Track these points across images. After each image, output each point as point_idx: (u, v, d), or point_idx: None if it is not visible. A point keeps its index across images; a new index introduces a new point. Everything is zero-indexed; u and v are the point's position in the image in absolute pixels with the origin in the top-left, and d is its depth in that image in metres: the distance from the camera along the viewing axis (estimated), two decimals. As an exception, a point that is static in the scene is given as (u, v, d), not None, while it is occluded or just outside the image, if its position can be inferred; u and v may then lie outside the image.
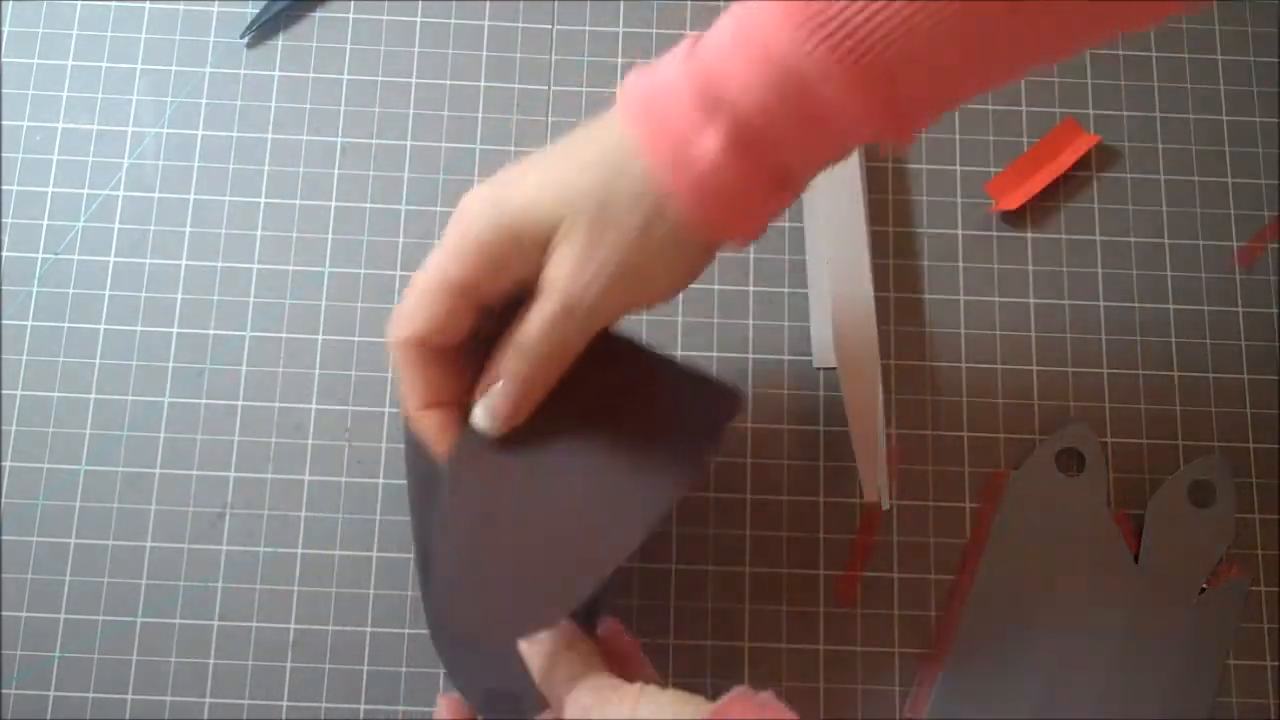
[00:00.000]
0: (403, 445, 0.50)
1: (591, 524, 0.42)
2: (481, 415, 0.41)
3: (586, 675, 0.41)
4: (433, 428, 0.41)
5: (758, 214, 0.38)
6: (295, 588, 0.49)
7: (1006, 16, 0.33)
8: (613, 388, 0.43)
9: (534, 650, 0.41)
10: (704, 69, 0.35)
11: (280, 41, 0.55)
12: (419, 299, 0.40)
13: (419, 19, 0.55)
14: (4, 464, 0.50)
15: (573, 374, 0.41)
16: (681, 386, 0.44)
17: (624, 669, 0.44)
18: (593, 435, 0.43)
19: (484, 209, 0.39)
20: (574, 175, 0.37)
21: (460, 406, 0.42)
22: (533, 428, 0.42)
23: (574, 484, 0.42)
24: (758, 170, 0.36)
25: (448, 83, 0.55)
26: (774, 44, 0.34)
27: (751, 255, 0.53)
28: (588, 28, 0.55)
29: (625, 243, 0.37)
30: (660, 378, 0.44)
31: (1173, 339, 0.53)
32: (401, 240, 0.53)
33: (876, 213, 0.53)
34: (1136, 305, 0.53)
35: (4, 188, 0.53)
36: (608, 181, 0.37)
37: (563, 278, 0.38)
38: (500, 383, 0.40)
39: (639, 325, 0.52)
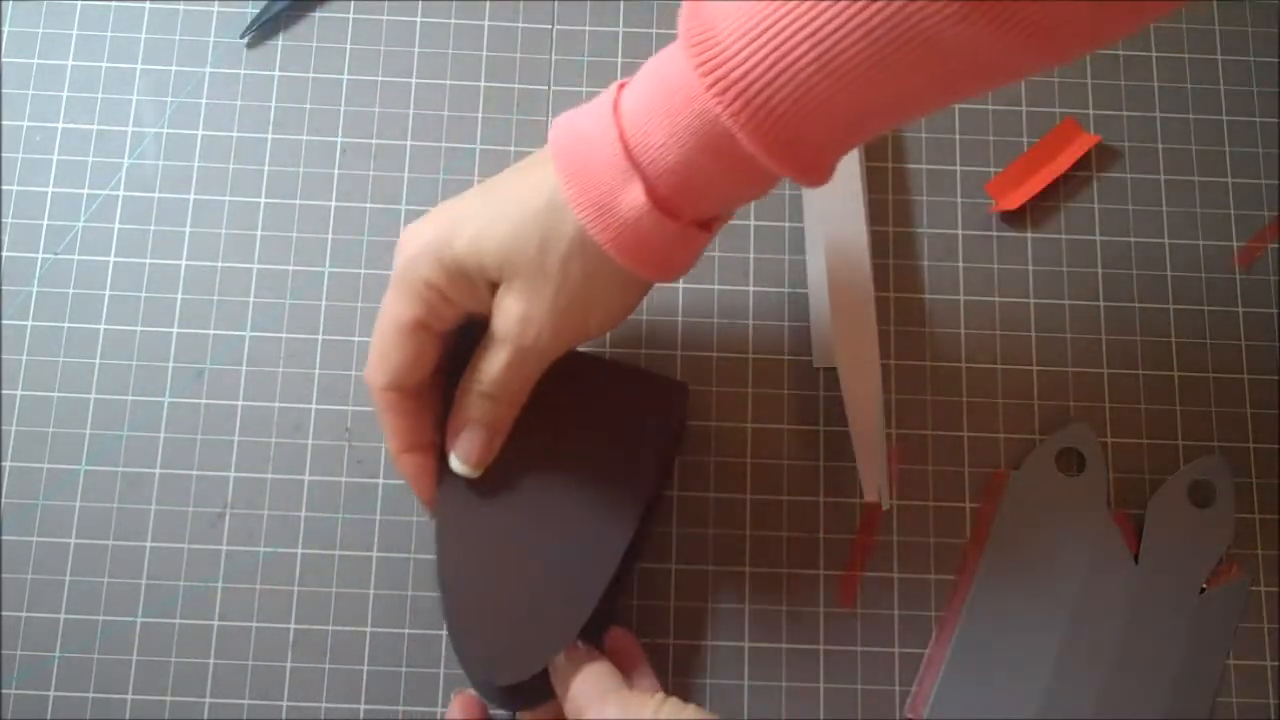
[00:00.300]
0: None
1: (576, 544, 0.45)
2: (457, 462, 0.43)
3: (601, 681, 0.42)
4: (413, 470, 0.44)
5: (683, 256, 0.40)
6: (295, 588, 0.49)
7: (908, 70, 0.34)
8: (569, 400, 0.45)
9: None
10: (625, 127, 0.37)
11: (280, 41, 0.55)
12: (383, 346, 0.42)
13: (419, 19, 0.55)
14: (4, 464, 0.50)
15: (541, 395, 0.44)
16: (630, 386, 0.47)
17: (627, 673, 0.45)
18: (559, 452, 0.45)
19: (427, 249, 0.40)
20: (512, 227, 0.39)
21: (435, 448, 0.44)
22: (503, 457, 0.44)
23: (551, 507, 0.45)
24: (679, 220, 0.38)
25: (448, 83, 0.55)
26: (687, 103, 0.36)
27: (751, 255, 0.53)
28: (588, 28, 0.55)
29: (565, 291, 0.39)
30: (609, 381, 0.47)
31: (1173, 339, 0.53)
32: (401, 240, 0.53)
33: (876, 213, 0.53)
34: (1136, 305, 0.53)
35: (4, 188, 0.53)
36: (544, 234, 0.39)
37: (511, 328, 0.40)
38: (467, 428, 0.43)
39: (639, 327, 0.52)
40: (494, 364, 0.41)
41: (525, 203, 0.39)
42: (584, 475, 0.45)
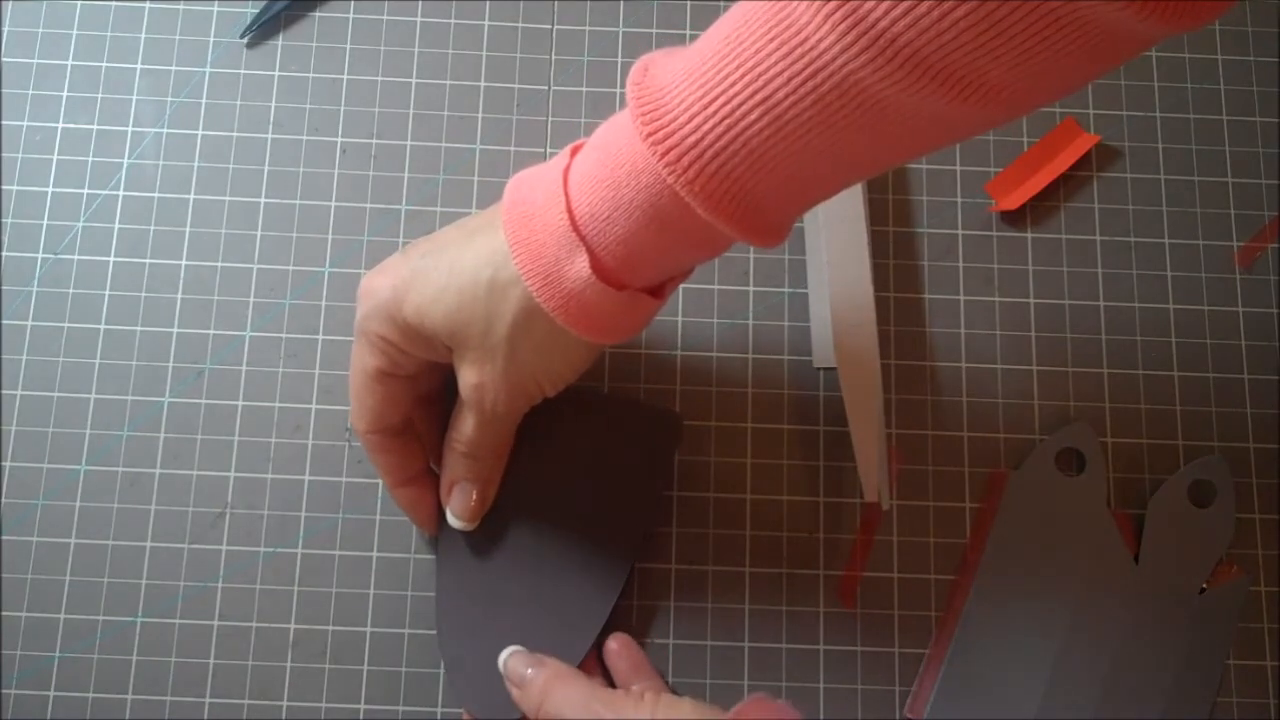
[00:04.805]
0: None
1: (571, 585, 0.46)
2: (454, 519, 0.45)
3: (578, 685, 0.42)
4: (409, 502, 0.46)
5: (631, 321, 0.40)
6: (295, 588, 0.49)
7: (860, 133, 0.34)
8: (565, 437, 0.47)
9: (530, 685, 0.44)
10: (573, 198, 0.37)
11: (280, 41, 0.55)
12: (357, 393, 0.43)
13: (419, 19, 0.55)
14: (4, 464, 0.50)
15: (524, 432, 0.45)
16: (625, 419, 0.48)
17: (635, 678, 0.45)
18: (556, 492, 0.47)
19: (381, 309, 0.41)
20: (458, 301, 0.39)
21: (429, 477, 0.46)
22: (500, 498, 0.46)
23: (547, 548, 0.47)
24: (625, 287, 0.39)
25: (448, 83, 0.55)
26: (634, 175, 0.36)
27: (751, 255, 0.53)
28: (588, 28, 0.55)
29: (514, 363, 0.40)
30: (604, 414, 0.48)
31: (1173, 339, 0.53)
32: (401, 240, 0.53)
33: (876, 213, 0.53)
34: (1136, 305, 0.53)
35: (4, 188, 0.53)
36: (489, 310, 0.39)
37: (469, 394, 0.41)
38: (457, 487, 0.45)
39: (639, 325, 0.52)
40: (466, 426, 0.43)
41: (471, 274, 0.39)
42: (579, 517, 0.47)
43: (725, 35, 0.34)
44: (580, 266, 0.37)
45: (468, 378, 0.41)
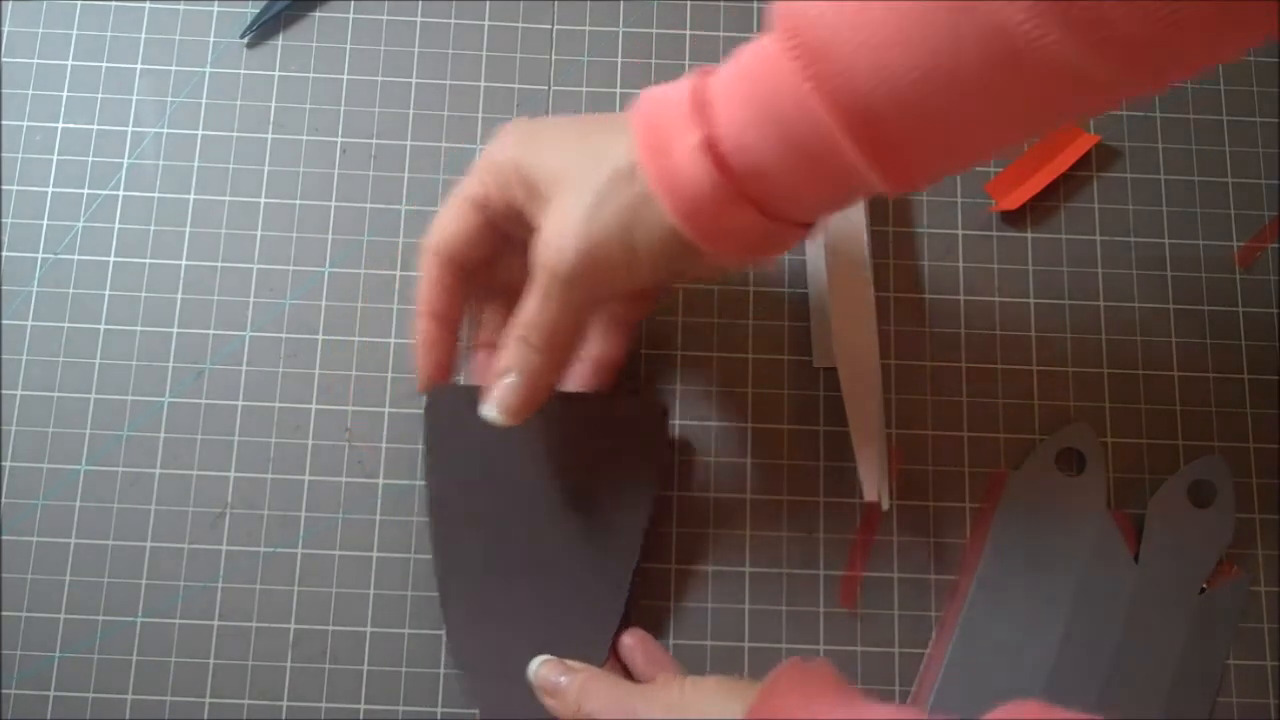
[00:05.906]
0: (403, 444, 0.50)
1: (581, 587, 0.46)
2: (488, 409, 0.42)
3: (615, 686, 0.43)
4: (424, 335, 0.45)
5: (732, 229, 0.39)
6: (295, 588, 0.49)
7: (975, 61, 0.33)
8: (558, 440, 0.47)
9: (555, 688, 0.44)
10: (704, 85, 0.38)
11: (280, 41, 0.55)
12: (447, 213, 0.44)
13: (419, 19, 0.55)
14: (4, 464, 0.50)
15: (525, 437, 0.45)
16: (608, 413, 0.48)
17: (653, 671, 0.45)
18: (556, 493, 0.47)
19: (510, 145, 0.43)
20: (575, 147, 0.41)
21: (453, 330, 0.46)
22: (499, 504, 0.46)
23: (551, 553, 0.46)
24: (733, 184, 0.38)
25: (448, 83, 0.55)
26: (766, 71, 0.36)
27: (751, 255, 0.53)
28: (588, 28, 0.55)
29: (599, 211, 0.39)
30: (588, 411, 0.48)
31: (1173, 339, 0.53)
32: (401, 240, 0.53)
33: (876, 213, 0.53)
34: (1136, 305, 0.53)
35: (4, 188, 0.53)
36: (596, 158, 0.40)
37: (540, 251, 0.40)
38: (502, 376, 0.42)
39: (639, 327, 0.52)
40: (529, 304, 0.41)
41: (594, 138, 0.41)
42: (580, 518, 0.47)
43: None
44: (689, 140, 0.38)
45: (547, 228, 0.40)
